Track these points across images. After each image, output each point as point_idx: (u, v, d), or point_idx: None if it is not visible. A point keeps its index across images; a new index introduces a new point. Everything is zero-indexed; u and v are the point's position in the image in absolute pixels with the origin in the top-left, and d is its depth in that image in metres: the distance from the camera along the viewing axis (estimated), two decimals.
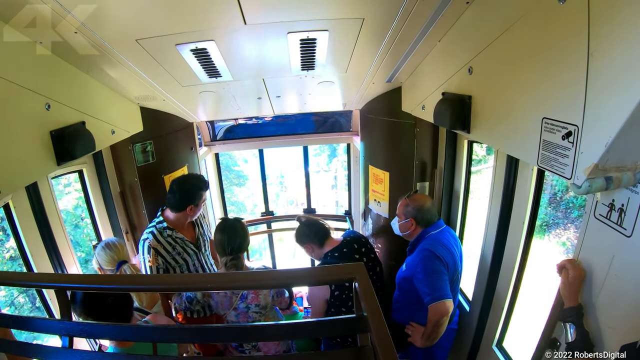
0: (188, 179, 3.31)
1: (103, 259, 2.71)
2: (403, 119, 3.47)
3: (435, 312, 2.65)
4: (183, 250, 3.24)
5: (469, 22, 2.05)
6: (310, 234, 3.06)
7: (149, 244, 3.08)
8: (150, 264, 3.07)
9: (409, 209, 3.03)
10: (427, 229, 3.00)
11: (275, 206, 22.97)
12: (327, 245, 3.04)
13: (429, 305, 2.68)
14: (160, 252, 3.12)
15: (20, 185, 2.26)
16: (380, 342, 1.13)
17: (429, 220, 3.01)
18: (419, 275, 2.77)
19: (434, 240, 2.90)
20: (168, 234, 3.16)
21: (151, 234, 3.13)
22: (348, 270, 1.47)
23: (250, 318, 2.83)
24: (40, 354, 1.69)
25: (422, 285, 2.74)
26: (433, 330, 2.71)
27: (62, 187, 6.28)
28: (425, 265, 2.76)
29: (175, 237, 3.20)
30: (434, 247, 2.82)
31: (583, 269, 1.70)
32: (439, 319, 2.65)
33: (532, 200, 2.42)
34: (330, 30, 2.27)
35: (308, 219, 3.17)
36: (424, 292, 2.73)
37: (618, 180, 1.35)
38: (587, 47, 1.25)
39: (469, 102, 2.14)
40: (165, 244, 3.14)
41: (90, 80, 2.60)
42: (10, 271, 2.58)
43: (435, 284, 2.69)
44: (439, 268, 2.74)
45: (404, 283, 2.99)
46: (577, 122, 1.33)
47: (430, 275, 2.72)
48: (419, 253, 2.88)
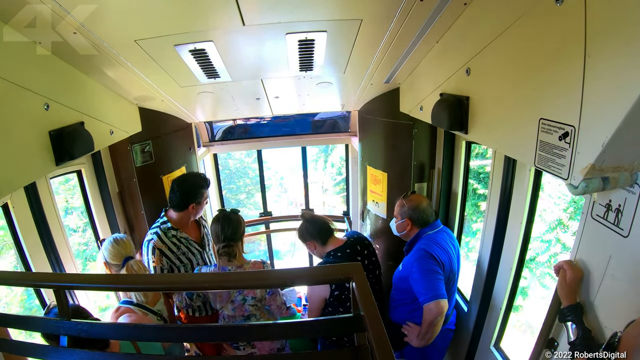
0: (189, 178, 3.34)
1: (110, 253, 2.71)
2: (401, 120, 3.48)
3: (430, 311, 2.67)
4: (188, 250, 3.27)
5: (467, 23, 2.06)
6: (313, 231, 3.05)
7: (153, 244, 3.11)
8: (154, 265, 3.09)
9: (405, 209, 3.05)
10: (424, 229, 3.01)
11: (278, 208, 23.09)
12: (330, 244, 3.03)
13: (424, 304, 2.69)
14: (165, 252, 3.14)
15: (19, 185, 2.26)
16: (377, 342, 1.13)
17: (425, 221, 3.02)
18: (415, 275, 2.78)
19: (430, 240, 2.91)
20: (173, 234, 3.19)
21: (156, 235, 3.15)
22: (345, 270, 1.47)
23: (246, 311, 2.85)
24: (39, 354, 1.69)
25: (417, 285, 2.76)
26: (428, 330, 2.72)
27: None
28: (421, 265, 2.77)
29: (180, 237, 3.23)
30: (429, 247, 2.84)
31: (580, 269, 1.71)
32: (433, 318, 2.67)
33: (529, 201, 2.43)
34: (328, 31, 2.28)
35: (312, 216, 3.16)
36: (419, 292, 2.74)
37: (615, 180, 1.36)
38: (584, 48, 1.25)
39: (467, 103, 2.15)
40: (170, 244, 3.17)
41: (89, 80, 2.60)
42: (9, 270, 2.58)
43: (431, 283, 2.70)
44: (434, 268, 2.76)
45: (401, 282, 3.00)
46: (574, 122, 1.34)
47: (425, 275, 2.73)
48: (414, 253, 2.90)
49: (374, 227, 4.21)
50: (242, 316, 2.86)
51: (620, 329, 1.39)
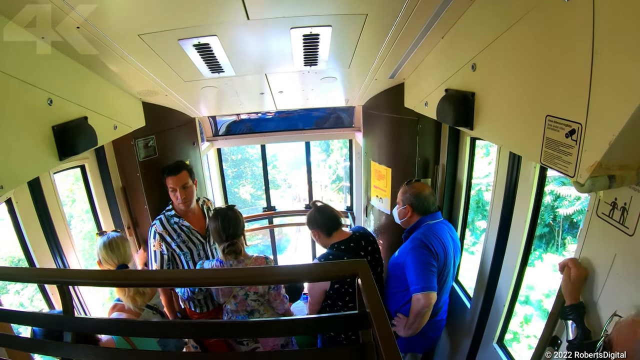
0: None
1: (103, 258, 2.68)
2: (405, 116, 3.46)
3: (418, 302, 2.71)
4: (188, 239, 3.36)
5: (473, 18, 2.04)
6: (319, 220, 3.05)
7: (155, 229, 3.28)
8: (154, 249, 3.27)
9: (407, 195, 3.06)
10: (424, 218, 3.02)
11: (284, 203, 23.30)
12: (336, 236, 3.03)
13: (413, 294, 2.72)
14: (165, 237, 3.28)
15: (22, 181, 2.26)
16: (383, 339, 1.13)
17: (426, 209, 3.03)
18: (409, 264, 2.81)
19: (429, 231, 2.93)
20: (175, 221, 3.34)
21: (158, 220, 3.33)
22: (351, 266, 1.47)
23: (249, 306, 2.86)
24: (43, 350, 1.70)
25: (410, 274, 2.80)
26: (415, 320, 2.76)
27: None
28: (416, 255, 2.80)
29: (182, 225, 3.35)
30: (426, 237, 2.86)
31: (585, 267, 1.71)
32: (420, 309, 2.71)
33: (534, 198, 2.42)
34: (333, 25, 2.26)
35: (323, 205, 3.15)
36: (410, 281, 2.79)
37: (621, 178, 1.35)
38: (592, 45, 1.24)
39: (472, 99, 2.13)
40: (171, 230, 3.31)
41: (93, 75, 2.59)
42: (13, 266, 2.58)
43: (423, 275, 2.74)
44: (429, 260, 2.78)
45: (395, 269, 3.03)
46: (581, 120, 1.33)
47: (418, 266, 2.76)
48: (411, 241, 2.91)
49: (377, 223, 4.21)
50: (245, 311, 2.87)
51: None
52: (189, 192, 3.35)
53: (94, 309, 3.24)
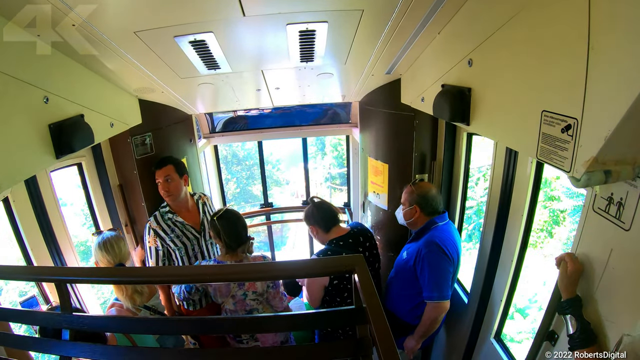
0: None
1: (99, 259, 2.67)
2: (402, 111, 3.46)
3: (434, 310, 2.72)
4: (182, 234, 3.38)
5: (469, 13, 2.04)
6: (317, 216, 3.05)
7: (149, 225, 3.32)
8: (149, 245, 3.32)
9: (414, 196, 3.02)
10: (433, 219, 2.98)
11: (282, 199, 23.39)
12: (334, 232, 3.02)
13: (429, 302, 2.71)
14: (159, 233, 3.31)
15: (19, 179, 2.25)
16: (380, 334, 1.14)
17: (434, 209, 3.00)
18: (425, 269, 2.77)
19: (442, 233, 2.89)
20: (169, 217, 3.36)
21: (153, 217, 3.36)
22: (348, 261, 1.48)
23: (248, 305, 2.85)
24: (42, 348, 1.70)
25: (425, 279, 2.76)
26: (430, 327, 2.76)
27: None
28: (433, 260, 2.76)
29: (175, 221, 3.38)
30: (442, 242, 2.82)
31: (581, 262, 1.71)
32: (436, 317, 2.72)
33: (530, 193, 2.43)
34: (329, 21, 2.25)
35: (321, 201, 3.15)
36: (426, 287, 2.75)
37: (617, 173, 1.35)
38: (588, 40, 1.24)
39: (469, 94, 2.13)
40: (165, 226, 3.33)
41: (89, 73, 2.58)
42: (10, 265, 2.58)
43: (440, 283, 2.73)
44: (446, 266, 2.76)
45: (405, 271, 3.00)
46: (577, 115, 1.33)
47: (436, 272, 2.74)
48: (426, 245, 2.85)
49: (374, 219, 4.21)
50: (244, 310, 2.86)
51: (622, 322, 1.39)
52: (172, 186, 3.36)
53: (93, 308, 3.25)
